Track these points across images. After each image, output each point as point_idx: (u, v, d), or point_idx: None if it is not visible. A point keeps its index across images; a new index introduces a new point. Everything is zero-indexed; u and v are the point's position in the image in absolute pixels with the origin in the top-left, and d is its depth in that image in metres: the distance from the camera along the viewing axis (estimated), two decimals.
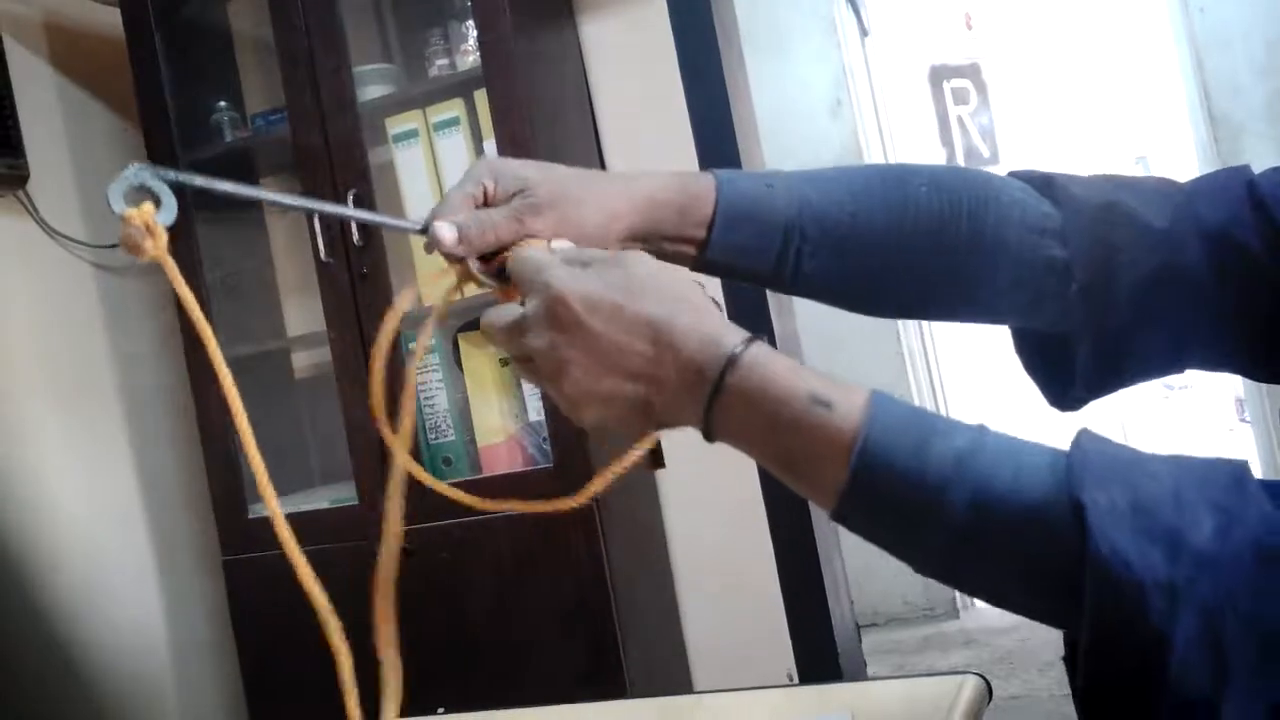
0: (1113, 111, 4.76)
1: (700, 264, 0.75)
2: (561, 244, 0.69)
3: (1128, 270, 0.72)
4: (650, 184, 0.74)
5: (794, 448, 0.58)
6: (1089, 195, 0.74)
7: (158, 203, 0.68)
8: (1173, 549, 0.50)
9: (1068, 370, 0.77)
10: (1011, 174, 0.78)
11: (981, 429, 0.57)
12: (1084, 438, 0.56)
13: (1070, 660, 0.55)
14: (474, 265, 0.72)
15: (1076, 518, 0.51)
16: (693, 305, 0.61)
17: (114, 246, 2.41)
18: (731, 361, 0.58)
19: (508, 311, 0.64)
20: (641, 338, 0.60)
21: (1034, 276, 0.74)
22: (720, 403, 0.58)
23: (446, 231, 0.71)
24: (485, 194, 0.73)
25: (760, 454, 0.60)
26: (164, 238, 0.68)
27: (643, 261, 0.63)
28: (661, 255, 0.74)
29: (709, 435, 0.60)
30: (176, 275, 0.71)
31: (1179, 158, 4.19)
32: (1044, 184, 0.76)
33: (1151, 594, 0.49)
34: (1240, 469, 0.53)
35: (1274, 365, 0.74)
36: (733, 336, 0.59)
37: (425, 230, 0.72)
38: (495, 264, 0.71)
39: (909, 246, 0.74)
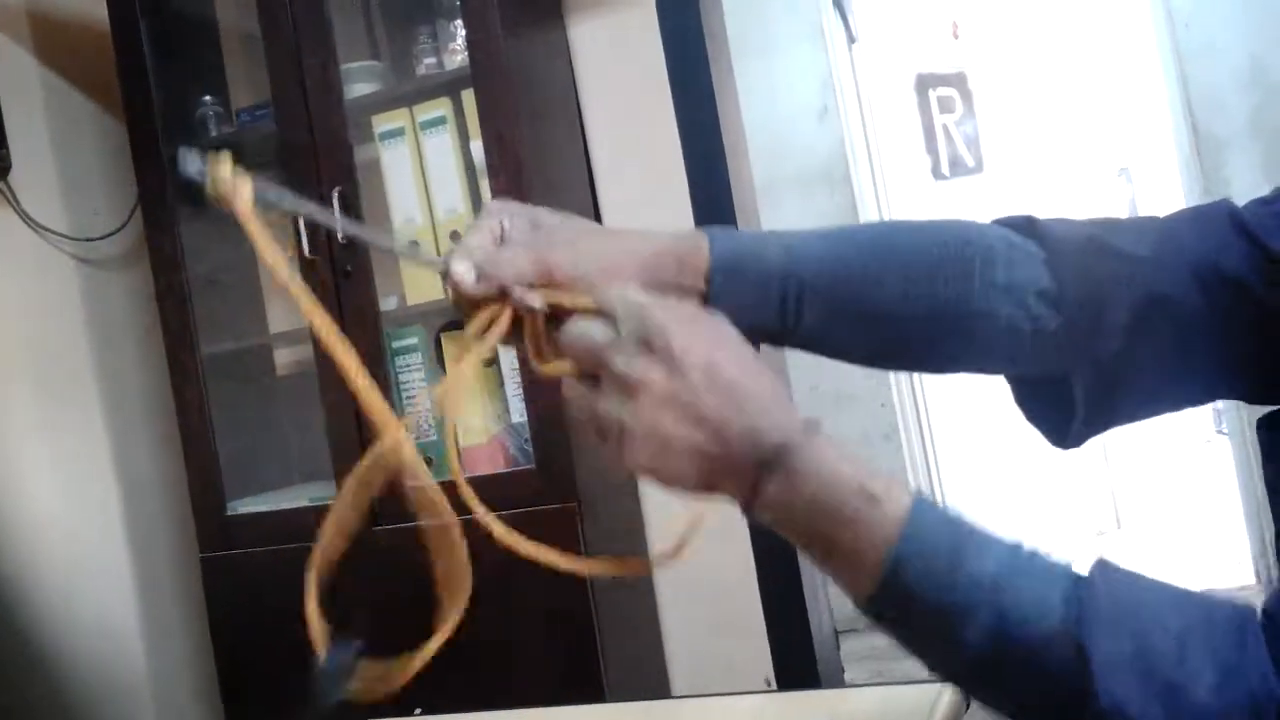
0: (1096, 123, 4.79)
1: None
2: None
3: (1115, 300, 0.72)
4: (650, 237, 0.74)
5: (834, 533, 0.59)
6: (1068, 232, 0.75)
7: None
8: (1171, 704, 0.52)
9: (1065, 411, 0.77)
10: (995, 221, 0.79)
11: (1016, 548, 0.58)
12: (1098, 572, 0.57)
13: None
14: (535, 304, 0.70)
15: (1080, 663, 0.53)
16: (767, 375, 0.62)
17: (96, 239, 2.39)
18: (795, 443, 0.60)
19: (601, 330, 0.64)
20: (726, 396, 0.61)
21: (1025, 314, 0.74)
22: (773, 481, 0.60)
23: (466, 271, 0.70)
24: (503, 232, 0.73)
25: (798, 534, 0.61)
26: (249, 186, 0.69)
27: (722, 317, 0.65)
28: None
29: (748, 509, 0.61)
30: (260, 233, 0.72)
31: (1161, 171, 4.22)
32: (1026, 225, 0.76)
33: None
34: (1245, 616, 0.55)
35: (1269, 392, 0.74)
36: (797, 420, 0.61)
37: (444, 271, 0.71)
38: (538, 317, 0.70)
39: (902, 297, 0.74)
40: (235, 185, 0.67)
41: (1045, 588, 0.56)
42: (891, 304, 0.74)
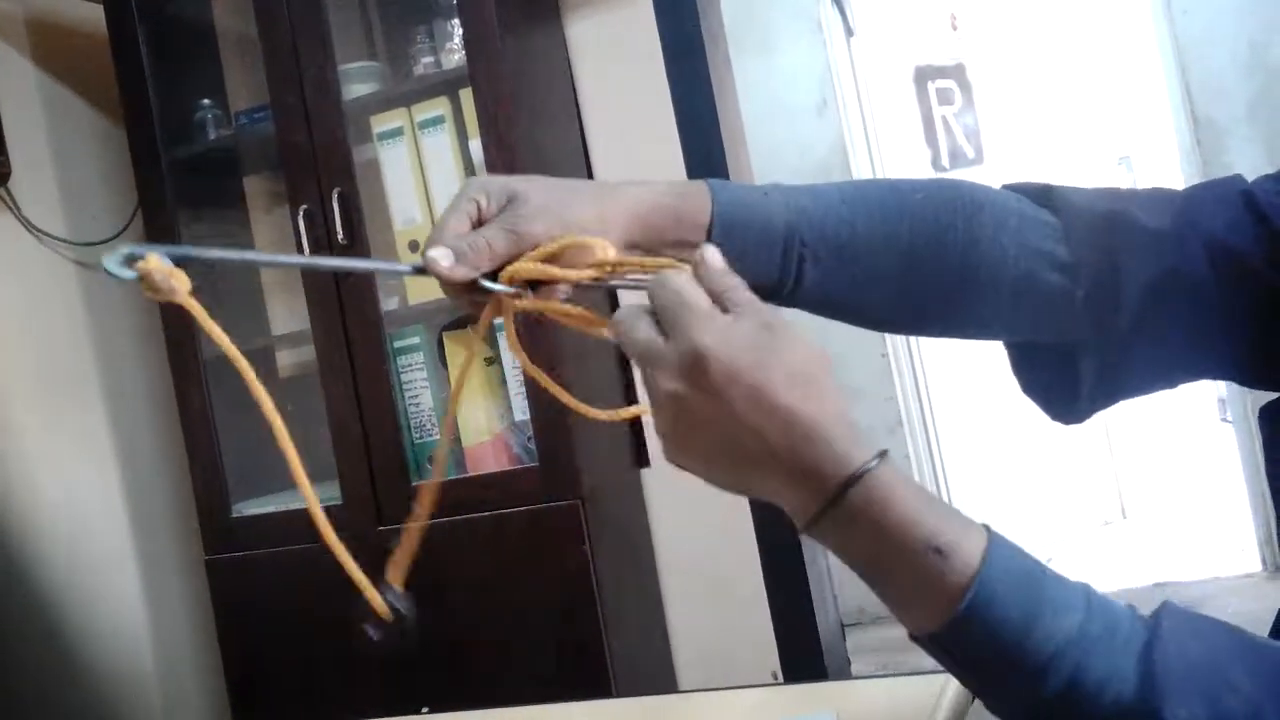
0: (1096, 112, 4.77)
1: None
2: (712, 255, 0.63)
3: (1132, 275, 0.72)
4: (644, 190, 0.72)
5: (895, 580, 0.57)
6: (1089, 203, 0.74)
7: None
8: None
9: (1070, 383, 0.77)
10: (1006, 187, 0.78)
11: (1088, 601, 0.56)
12: (1167, 625, 0.56)
13: None
14: (485, 284, 0.69)
15: None
16: (830, 397, 0.59)
17: (96, 244, 2.39)
18: (858, 478, 0.56)
19: (646, 332, 0.60)
20: (774, 427, 0.57)
21: (1035, 285, 0.73)
22: (831, 516, 0.57)
23: (442, 258, 0.68)
24: (480, 212, 0.71)
25: (856, 567, 0.59)
26: (184, 277, 0.65)
27: (788, 330, 0.60)
28: None
29: (806, 532, 0.59)
30: (203, 316, 0.69)
31: (1162, 158, 4.20)
32: (1042, 194, 0.76)
33: None
34: None
35: (1270, 373, 0.74)
36: (863, 450, 0.57)
37: (422, 270, 0.69)
38: (514, 281, 0.69)
39: (908, 253, 0.73)
40: (171, 282, 0.64)
41: (1119, 650, 0.55)
42: (897, 264, 0.74)
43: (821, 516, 0.57)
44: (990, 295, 0.74)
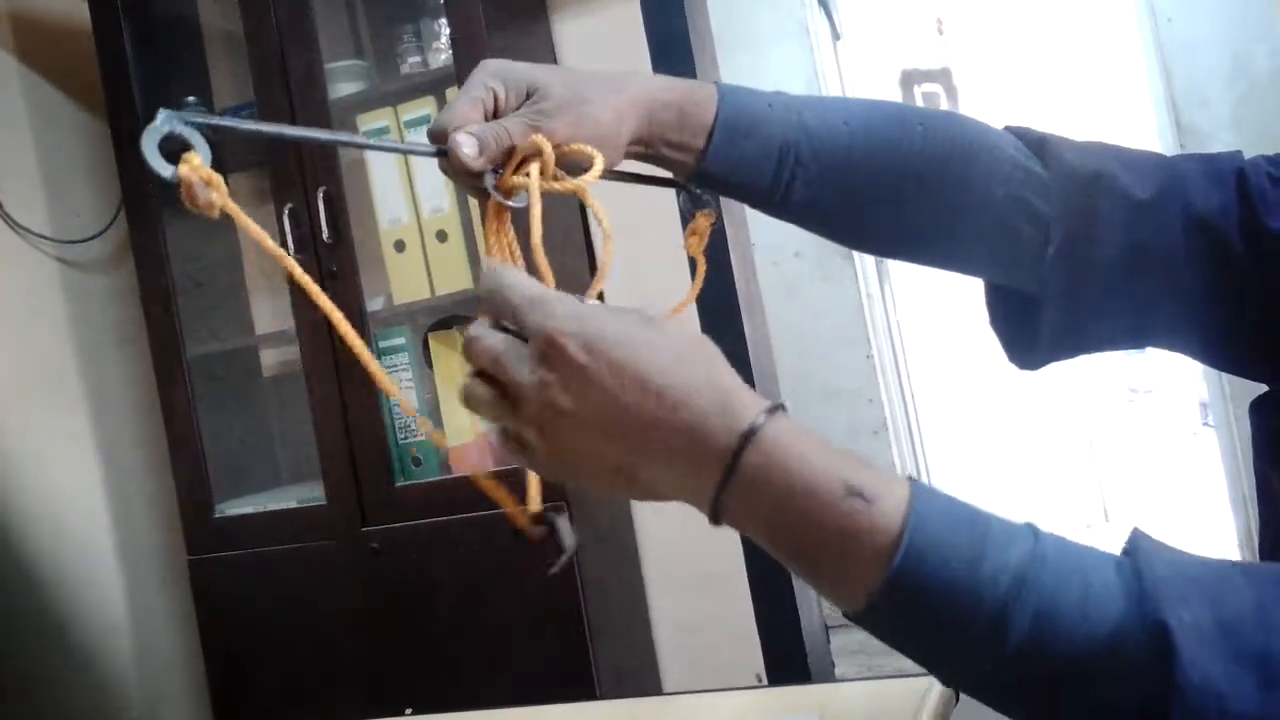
0: (1081, 118, 4.80)
1: (696, 175, 0.74)
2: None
3: (1107, 243, 0.72)
4: (654, 82, 0.72)
5: (819, 542, 0.51)
6: (1080, 162, 0.73)
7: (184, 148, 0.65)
8: (1264, 675, 0.46)
9: (1031, 330, 0.77)
10: (1007, 128, 0.78)
11: (1035, 533, 0.51)
12: (1145, 545, 0.51)
13: None
14: (489, 182, 0.68)
15: (1157, 639, 0.47)
16: (706, 362, 0.54)
17: (79, 241, 2.38)
18: (750, 437, 0.51)
19: (495, 338, 0.56)
20: (646, 395, 0.52)
21: (1014, 234, 0.73)
22: (734, 484, 0.51)
23: (467, 145, 0.66)
24: (496, 101, 0.69)
25: (774, 543, 0.53)
26: (223, 185, 0.64)
27: (650, 310, 0.57)
28: (660, 162, 0.73)
29: (715, 518, 0.53)
30: (246, 221, 0.66)
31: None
32: (1037, 144, 0.75)
33: None
34: None
35: (1231, 355, 0.74)
36: (753, 405, 0.52)
37: (443, 153, 0.67)
38: (506, 180, 0.68)
39: (899, 183, 0.74)
40: (210, 194, 0.63)
41: (1095, 571, 0.50)
42: (886, 196, 0.74)
43: (724, 491, 0.52)
44: (971, 236, 0.75)
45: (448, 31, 2.05)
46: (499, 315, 0.57)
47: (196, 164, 0.63)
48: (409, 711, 1.20)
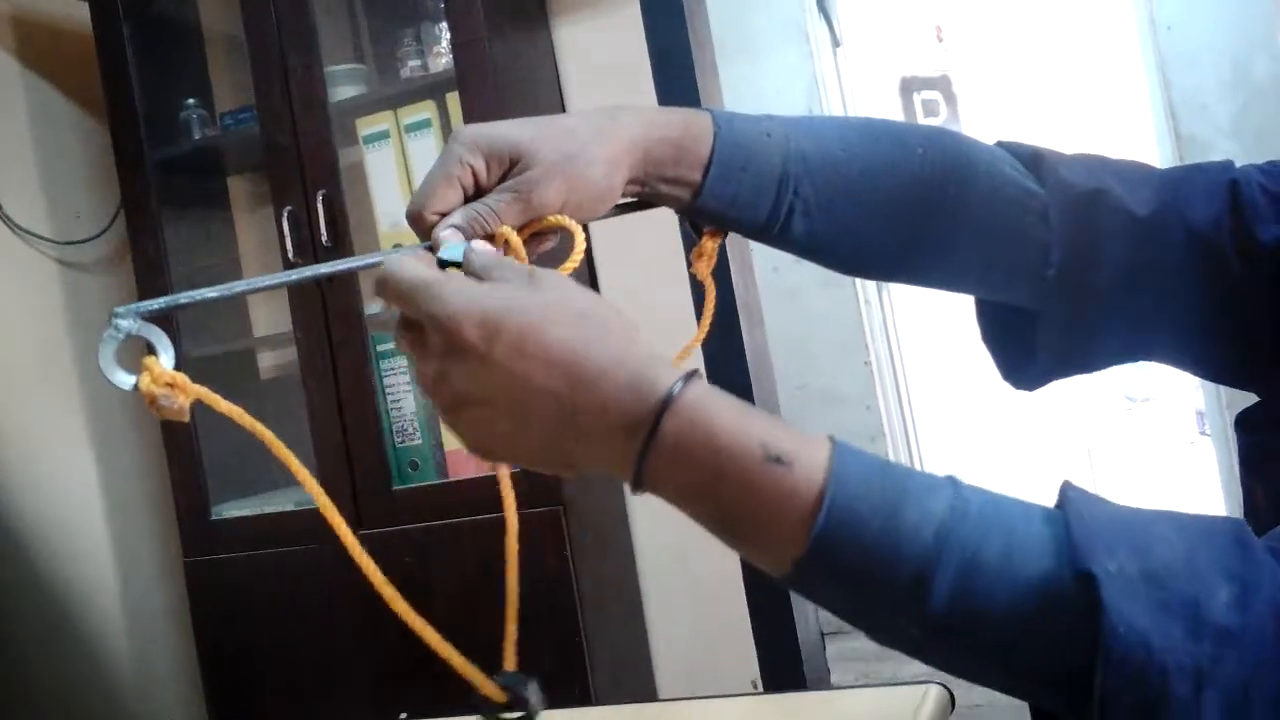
0: (1080, 126, 4.81)
1: (692, 211, 0.70)
2: (482, 246, 0.61)
3: (1108, 261, 0.71)
4: (649, 118, 0.68)
5: (741, 508, 0.51)
6: (1077, 180, 0.72)
7: (150, 347, 0.61)
8: (1193, 624, 0.46)
9: (1028, 348, 0.76)
10: (1000, 144, 0.77)
11: (955, 486, 0.51)
12: (1073, 495, 0.51)
13: None
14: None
15: (1085, 591, 0.47)
16: (617, 332, 0.53)
17: (79, 242, 2.38)
18: (667, 404, 0.50)
19: (398, 327, 0.56)
20: (554, 373, 0.51)
21: (1011, 253, 0.72)
22: (654, 453, 0.51)
23: (452, 237, 0.62)
24: (477, 177, 0.64)
25: (696, 510, 0.52)
26: (187, 382, 0.60)
27: (558, 280, 0.55)
28: (655, 198, 0.70)
29: (638, 487, 0.53)
30: (226, 405, 0.64)
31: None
32: (1032, 161, 0.74)
33: (1175, 679, 0.45)
34: (1239, 528, 0.50)
35: (1227, 368, 0.74)
36: (667, 374, 0.51)
37: (430, 248, 0.63)
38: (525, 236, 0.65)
39: (899, 209, 0.72)
40: (178, 401, 0.60)
41: (1020, 523, 0.49)
42: (884, 223, 0.72)
43: (645, 460, 0.51)
44: (968, 257, 0.74)
45: (448, 35, 2.05)
46: (399, 304, 0.57)
47: (159, 372, 0.60)
48: (404, 716, 1.20)
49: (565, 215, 0.64)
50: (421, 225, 0.64)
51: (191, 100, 2.29)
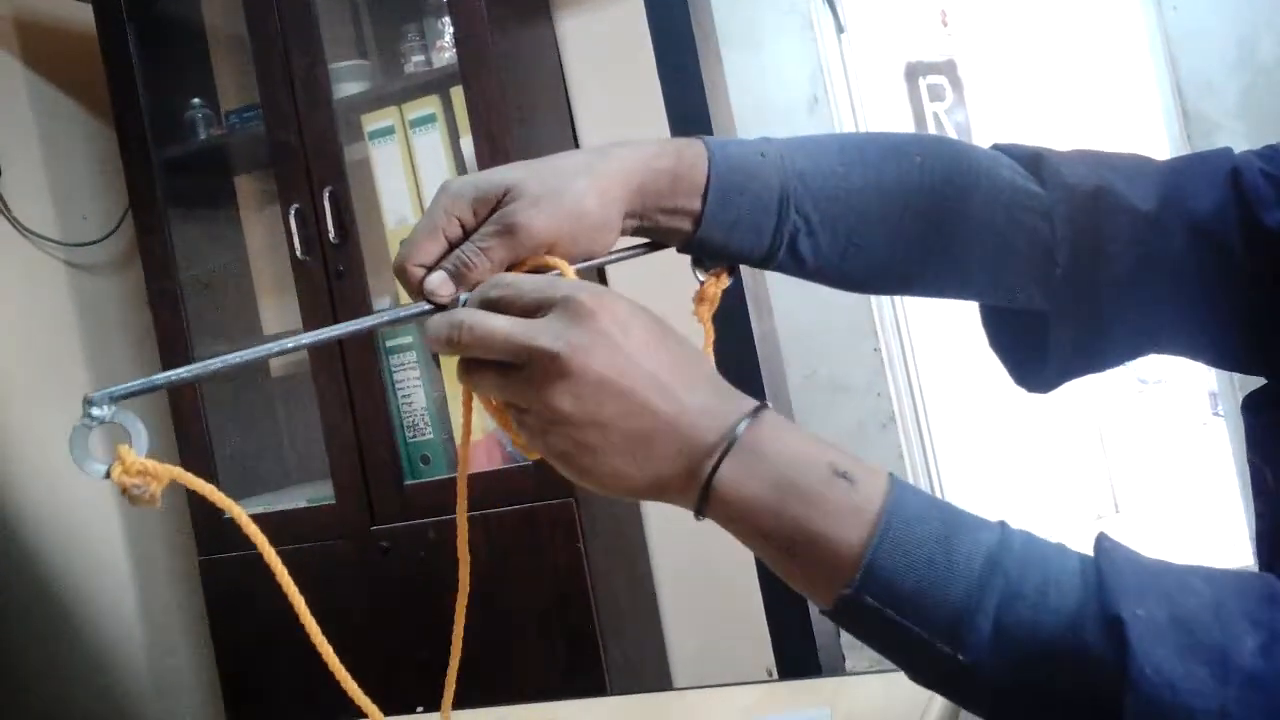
0: (1087, 109, 4.79)
1: (696, 245, 0.70)
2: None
3: (1115, 259, 0.71)
4: (639, 154, 0.67)
5: (804, 522, 0.53)
6: (1079, 179, 0.72)
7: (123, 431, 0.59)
8: (1220, 669, 0.47)
9: (1039, 351, 0.76)
10: (997, 147, 0.76)
11: (1002, 524, 0.53)
12: (1108, 544, 0.53)
13: None
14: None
15: (1112, 634, 0.48)
16: (692, 361, 0.57)
17: (87, 244, 2.39)
18: (753, 415, 0.55)
19: (500, 320, 0.57)
20: (659, 367, 0.56)
21: (1016, 258, 0.72)
22: (733, 454, 0.54)
23: (441, 286, 0.62)
24: (462, 225, 0.64)
25: (759, 526, 0.54)
26: (159, 468, 0.60)
27: (646, 310, 0.58)
28: (655, 232, 0.69)
29: (704, 504, 0.56)
30: (205, 486, 0.64)
31: (1152, 154, 4.21)
32: (1032, 162, 0.74)
33: None
34: (1269, 584, 0.51)
35: (1236, 355, 0.74)
36: (746, 401, 0.56)
37: (433, 306, 0.63)
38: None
39: (900, 223, 0.72)
40: (151, 489, 0.59)
41: (1056, 561, 0.51)
42: (888, 235, 0.72)
43: (723, 459, 0.54)
44: (972, 265, 0.73)
45: (451, 30, 2.05)
46: (505, 308, 0.58)
47: (131, 461, 0.59)
48: (420, 709, 1.21)
49: (562, 249, 0.64)
50: (407, 278, 0.64)
51: (196, 100, 2.30)
